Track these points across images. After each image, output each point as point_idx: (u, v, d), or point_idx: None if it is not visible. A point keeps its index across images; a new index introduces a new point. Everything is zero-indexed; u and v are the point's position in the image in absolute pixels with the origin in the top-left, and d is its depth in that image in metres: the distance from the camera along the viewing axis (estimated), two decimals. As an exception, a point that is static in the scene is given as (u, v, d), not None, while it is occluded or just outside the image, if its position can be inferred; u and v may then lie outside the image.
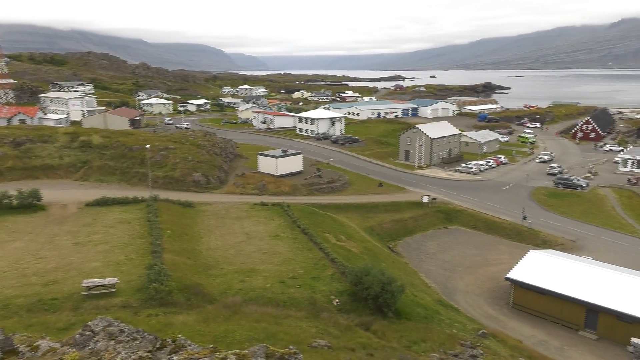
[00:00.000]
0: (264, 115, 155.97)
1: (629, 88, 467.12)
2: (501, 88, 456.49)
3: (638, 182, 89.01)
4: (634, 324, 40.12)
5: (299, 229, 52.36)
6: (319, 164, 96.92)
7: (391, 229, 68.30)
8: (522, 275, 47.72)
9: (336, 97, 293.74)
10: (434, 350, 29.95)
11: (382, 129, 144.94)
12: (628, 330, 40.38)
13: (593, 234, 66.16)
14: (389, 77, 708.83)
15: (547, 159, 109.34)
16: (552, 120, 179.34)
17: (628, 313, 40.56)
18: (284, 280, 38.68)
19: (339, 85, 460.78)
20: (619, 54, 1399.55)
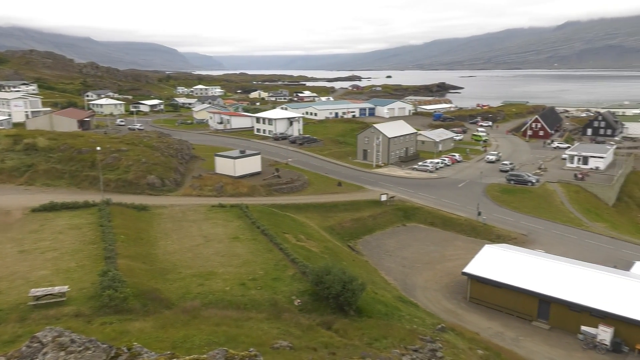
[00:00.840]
0: (220, 116, 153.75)
1: (574, 88, 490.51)
2: (455, 88, 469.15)
3: (584, 177, 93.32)
4: (583, 313, 41.90)
5: (259, 230, 51.78)
6: (277, 164, 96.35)
7: (351, 228, 68.68)
8: (478, 269, 48.96)
9: (294, 97, 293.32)
10: (395, 346, 30.24)
11: (340, 129, 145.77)
12: (578, 319, 42.18)
13: (544, 227, 68.79)
14: (346, 77, 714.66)
15: (494, 159, 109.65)
16: (504, 119, 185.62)
17: (577, 302, 42.31)
18: (244, 283, 38.10)
19: (296, 85, 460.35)
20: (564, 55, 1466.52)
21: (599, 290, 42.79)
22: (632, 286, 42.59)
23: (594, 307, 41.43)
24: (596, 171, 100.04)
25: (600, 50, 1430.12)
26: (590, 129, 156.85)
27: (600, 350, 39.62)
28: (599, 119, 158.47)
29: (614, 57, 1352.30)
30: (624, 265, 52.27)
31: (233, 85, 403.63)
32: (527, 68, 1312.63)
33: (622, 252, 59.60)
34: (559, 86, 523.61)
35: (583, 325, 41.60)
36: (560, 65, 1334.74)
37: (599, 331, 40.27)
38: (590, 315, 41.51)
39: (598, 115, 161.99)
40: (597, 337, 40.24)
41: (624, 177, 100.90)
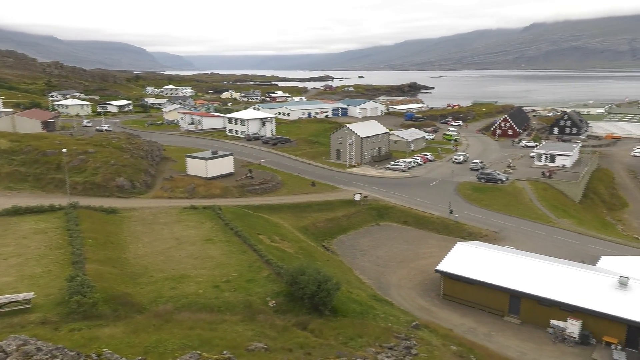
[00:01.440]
0: (191, 116, 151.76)
1: (541, 88, 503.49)
2: (426, 88, 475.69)
3: (551, 175, 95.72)
4: (553, 307, 42.90)
5: (232, 231, 51.23)
6: (250, 165, 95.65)
7: (325, 228, 68.68)
8: (450, 267, 49.60)
9: (266, 97, 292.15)
10: (370, 344, 30.33)
11: (313, 129, 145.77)
12: (547, 313, 43.16)
13: (513, 224, 70.22)
14: (319, 77, 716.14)
15: (461, 160, 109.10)
16: (474, 118, 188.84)
17: (547, 297, 43.29)
18: (218, 285, 37.60)
19: (268, 86, 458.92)
20: (531, 56, 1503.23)
21: (567, 285, 43.90)
22: (598, 280, 43.82)
23: (562, 302, 42.45)
24: (563, 169, 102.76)
25: (566, 52, 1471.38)
26: (556, 128, 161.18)
27: (569, 343, 40.64)
28: (564, 118, 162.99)
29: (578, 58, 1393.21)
30: (590, 260, 53.72)
31: (204, 86, 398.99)
32: (495, 68, 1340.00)
33: (589, 248, 61.34)
34: (527, 86, 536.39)
35: (552, 319, 42.59)
36: (528, 66, 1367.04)
37: (567, 324, 41.30)
38: (559, 309, 42.51)
39: (564, 115, 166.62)
40: (566, 331, 41.26)
41: (590, 174, 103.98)
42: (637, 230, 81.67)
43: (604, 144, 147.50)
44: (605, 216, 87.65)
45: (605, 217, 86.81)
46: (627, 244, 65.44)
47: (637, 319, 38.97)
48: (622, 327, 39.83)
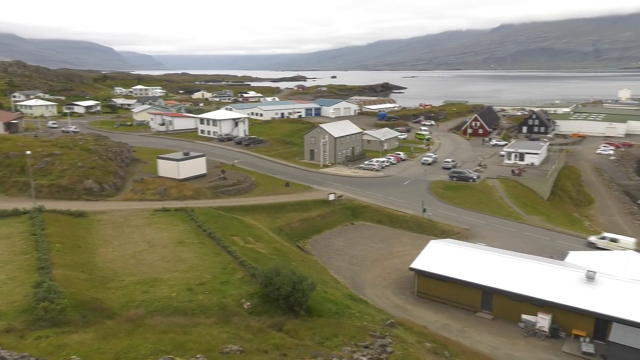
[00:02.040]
0: (162, 117, 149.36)
1: (510, 88, 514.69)
2: (398, 88, 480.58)
3: (521, 172, 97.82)
4: (524, 302, 43.80)
5: (205, 233, 50.51)
6: (223, 165, 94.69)
7: (300, 228, 68.48)
8: (424, 264, 50.10)
9: (238, 97, 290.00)
10: (346, 343, 30.33)
11: (286, 129, 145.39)
12: (518, 308, 44.04)
13: (485, 222, 71.44)
14: (291, 78, 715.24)
15: (430, 161, 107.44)
16: (445, 117, 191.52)
17: (518, 292, 44.19)
18: (192, 288, 37.00)
19: (240, 86, 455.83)
20: (500, 56, 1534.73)
21: (537, 280, 44.88)
22: (566, 275, 44.96)
23: (533, 296, 43.41)
24: (532, 167, 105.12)
25: (533, 52, 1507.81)
26: (525, 127, 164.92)
27: (540, 336, 41.54)
28: (533, 117, 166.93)
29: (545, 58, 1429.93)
30: (559, 255, 55.10)
31: (175, 86, 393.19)
32: (466, 69, 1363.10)
33: (557, 243, 62.88)
34: (496, 86, 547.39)
35: (523, 314, 43.46)
36: (497, 66, 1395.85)
37: (538, 319, 42.21)
38: (530, 304, 43.44)
39: (532, 114, 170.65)
40: (537, 325, 42.15)
41: (557, 171, 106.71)
42: (603, 225, 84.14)
43: (570, 142, 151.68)
44: (572, 212, 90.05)
45: (572, 214, 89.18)
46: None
47: (604, 312, 40.11)
48: (590, 320, 40.95)
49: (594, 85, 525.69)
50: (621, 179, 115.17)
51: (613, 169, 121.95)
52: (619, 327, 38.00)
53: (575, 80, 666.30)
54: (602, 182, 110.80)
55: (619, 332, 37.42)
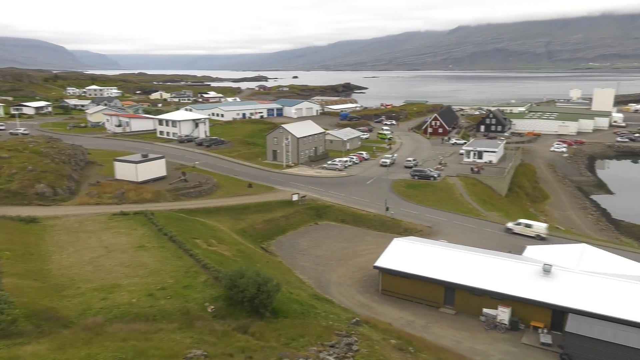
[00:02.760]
0: (118, 118, 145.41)
1: (467, 87, 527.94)
2: (359, 88, 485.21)
3: (480, 170, 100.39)
4: (484, 297, 44.85)
5: (166, 237, 49.30)
6: (184, 167, 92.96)
7: (263, 229, 67.92)
8: (388, 262, 50.55)
9: (198, 98, 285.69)
10: (312, 343, 30.22)
11: (248, 130, 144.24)
12: (480, 302, 45.07)
13: (446, 219, 72.84)
14: (252, 78, 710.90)
15: (388, 163, 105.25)
16: (406, 117, 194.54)
17: (479, 287, 45.21)
18: (153, 293, 35.99)
19: (200, 86, 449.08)
20: (458, 57, 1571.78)
21: (497, 275, 46.06)
22: (524, 269, 46.32)
23: (493, 290, 44.50)
24: (490, 165, 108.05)
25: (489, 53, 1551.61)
26: (483, 126, 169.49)
27: (501, 329, 42.65)
28: (490, 116, 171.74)
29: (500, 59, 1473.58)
30: (517, 250, 56.74)
31: (131, 86, 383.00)
32: (425, 69, 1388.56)
33: (515, 238, 64.79)
34: (454, 86, 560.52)
35: (484, 308, 44.52)
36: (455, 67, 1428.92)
37: (498, 312, 43.32)
38: (490, 298, 44.52)
39: (489, 113, 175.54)
40: (497, 318, 43.25)
41: (514, 169, 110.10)
42: (558, 220, 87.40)
43: (526, 140, 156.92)
44: (529, 208, 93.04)
45: (529, 209, 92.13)
46: (549, 233, 69.68)
47: (560, 303, 41.55)
48: (547, 311, 42.33)
49: (546, 85, 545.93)
50: (574, 175, 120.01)
51: (566, 165, 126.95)
52: (574, 318, 39.41)
53: (529, 81, 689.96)
54: (556, 178, 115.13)
55: (574, 323, 38.80)
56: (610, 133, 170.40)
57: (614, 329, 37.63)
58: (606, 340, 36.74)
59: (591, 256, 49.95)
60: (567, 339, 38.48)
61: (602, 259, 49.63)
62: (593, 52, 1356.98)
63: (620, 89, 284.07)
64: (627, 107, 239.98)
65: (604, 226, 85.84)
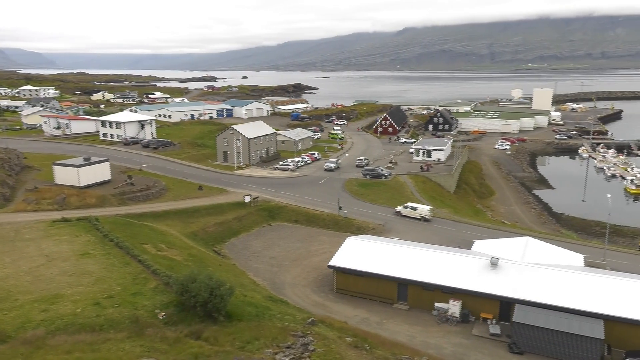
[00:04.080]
0: (57, 120, 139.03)
1: (415, 88, 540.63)
2: (310, 88, 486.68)
3: (429, 168, 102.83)
4: (436, 291, 45.89)
5: (112, 243, 47.35)
6: (130, 171, 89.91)
7: (215, 232, 66.62)
8: (342, 261, 50.78)
9: (144, 98, 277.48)
10: (268, 345, 29.96)
11: (197, 131, 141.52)
12: (432, 297, 46.08)
13: (398, 217, 74.02)
14: (200, 78, 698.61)
15: (333, 167, 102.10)
16: (357, 117, 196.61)
17: (430, 282, 46.20)
18: (99, 302, 34.45)
19: (145, 86, 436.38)
20: (405, 58, 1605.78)
21: (447, 269, 47.22)
22: (473, 262, 47.72)
23: (443, 285, 45.62)
24: (438, 163, 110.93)
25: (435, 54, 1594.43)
26: (431, 125, 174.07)
27: (452, 322, 43.75)
28: (437, 115, 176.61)
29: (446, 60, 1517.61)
30: (465, 244, 58.39)
31: (70, 86, 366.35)
32: (374, 70, 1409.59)
33: (464, 233, 66.71)
34: (403, 86, 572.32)
35: (436, 302, 45.55)
36: (403, 68, 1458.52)
37: (449, 306, 44.43)
38: (442, 292, 45.60)
39: (437, 113, 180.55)
40: (449, 311, 44.36)
41: (461, 166, 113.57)
42: (503, 215, 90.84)
43: (471, 138, 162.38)
44: (476, 204, 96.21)
45: (476, 205, 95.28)
46: (495, 227, 72.38)
47: (508, 295, 43.10)
48: (495, 303, 43.81)
49: (490, 85, 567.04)
50: (517, 172, 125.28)
51: (510, 162, 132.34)
52: (521, 308, 41.00)
53: (473, 81, 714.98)
54: (501, 175, 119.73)
55: (521, 313, 40.37)
56: (549, 131, 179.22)
57: (557, 317, 39.44)
58: (550, 328, 38.47)
59: (535, 248, 52.16)
60: (514, 329, 39.96)
61: (545, 251, 51.96)
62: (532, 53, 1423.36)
63: (557, 89, 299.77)
64: (565, 106, 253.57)
65: (546, 219, 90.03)
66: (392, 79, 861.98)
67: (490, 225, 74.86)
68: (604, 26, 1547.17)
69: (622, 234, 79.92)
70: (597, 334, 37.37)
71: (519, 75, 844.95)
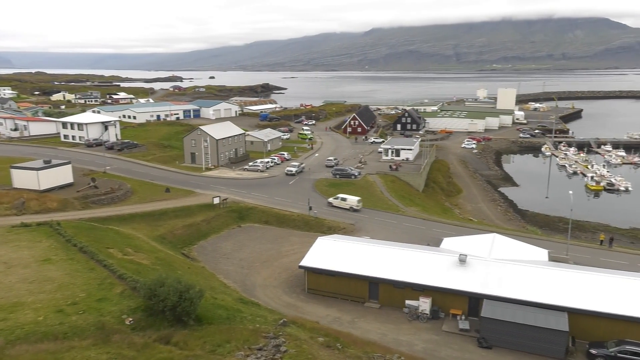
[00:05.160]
0: (14, 121, 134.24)
1: (383, 88, 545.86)
2: (278, 88, 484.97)
3: (397, 167, 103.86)
4: (406, 289, 46.30)
5: (76, 248, 45.86)
6: (93, 173, 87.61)
7: (184, 235, 65.46)
8: (313, 261, 50.66)
9: (107, 99, 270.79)
10: (239, 348, 29.63)
11: (163, 132, 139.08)
12: (402, 294, 46.47)
13: (368, 216, 74.47)
14: (166, 78, 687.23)
15: (294, 171, 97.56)
16: (326, 117, 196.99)
17: (401, 280, 46.60)
18: (62, 309, 33.28)
19: (109, 86, 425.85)
20: (373, 58, 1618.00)
21: (417, 267, 47.74)
22: (442, 260, 48.38)
23: (414, 282, 46.07)
24: (407, 162, 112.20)
25: (402, 55, 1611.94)
26: (399, 125, 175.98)
27: (423, 319, 44.21)
28: (405, 115, 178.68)
29: (413, 61, 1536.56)
30: (434, 242, 59.23)
31: (28, 86, 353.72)
32: (342, 70, 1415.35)
33: (433, 231, 67.65)
34: (371, 86, 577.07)
35: (407, 300, 45.94)
36: (370, 68, 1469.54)
37: (420, 303, 44.87)
38: (412, 289, 46.03)
39: (405, 113, 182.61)
40: (419, 308, 44.79)
41: (429, 165, 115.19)
42: (471, 212, 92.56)
43: (439, 137, 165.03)
44: (444, 202, 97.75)
45: (444, 203, 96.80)
46: (463, 225, 73.67)
47: (476, 290, 43.86)
48: (464, 299, 44.52)
49: (456, 85, 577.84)
50: (483, 170, 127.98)
51: (476, 161, 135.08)
52: (488, 303, 41.78)
53: (440, 81, 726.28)
54: (468, 173, 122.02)
55: (489, 308, 41.14)
56: (513, 130, 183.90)
57: (524, 311, 40.37)
58: (517, 322, 39.33)
59: (501, 245, 53.24)
60: (482, 324, 40.68)
61: (511, 247, 53.13)
62: (496, 54, 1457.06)
63: (520, 89, 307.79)
64: (527, 105, 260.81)
65: (511, 216, 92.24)
66: (360, 79, 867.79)
67: (458, 222, 76.16)
68: (564, 28, 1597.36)
69: (583, 229, 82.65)
70: (562, 327, 38.41)
71: (484, 76, 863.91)
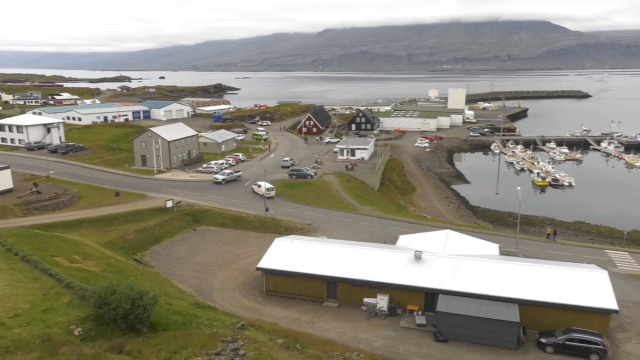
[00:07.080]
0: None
1: (337, 88, 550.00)
2: (232, 89, 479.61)
3: (353, 167, 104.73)
4: (364, 287, 46.63)
5: (17, 257, 43.33)
6: (35, 178, 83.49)
7: (136, 240, 63.38)
8: (270, 263, 50.18)
9: (49, 100, 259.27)
10: (196, 354, 28.92)
11: (111, 134, 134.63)
12: (360, 293, 46.75)
13: (324, 215, 74.61)
14: (113, 78, 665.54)
15: (220, 179, 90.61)
16: (280, 117, 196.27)
17: (358, 278, 46.88)
18: (3, 322, 31.35)
19: (50, 87, 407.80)
20: (327, 59, 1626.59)
21: (374, 265, 48.16)
22: (398, 257, 49.03)
23: (371, 280, 46.45)
24: (362, 161, 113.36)
25: (355, 56, 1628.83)
26: (354, 125, 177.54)
27: (381, 316, 44.66)
28: (360, 115, 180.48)
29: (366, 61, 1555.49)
30: (390, 240, 60.04)
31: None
32: (296, 70, 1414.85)
33: (389, 229, 68.55)
34: (325, 87, 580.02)
35: (365, 298, 46.27)
36: (324, 68, 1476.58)
37: (377, 300, 45.29)
38: (370, 287, 46.40)
39: (359, 113, 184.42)
40: (377, 306, 45.20)
41: (384, 164, 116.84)
42: (425, 210, 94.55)
43: (393, 137, 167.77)
44: (399, 200, 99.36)
45: (399, 201, 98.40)
46: (418, 222, 75.13)
47: (431, 286, 44.72)
48: (420, 295, 45.29)
49: (408, 85, 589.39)
50: (436, 168, 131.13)
51: (429, 159, 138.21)
52: (444, 298, 42.68)
53: (392, 81, 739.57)
54: (421, 171, 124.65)
55: (444, 302, 42.02)
56: (464, 129, 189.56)
57: (477, 304, 41.47)
58: (471, 315, 40.37)
59: (455, 241, 54.60)
60: (438, 318, 41.50)
61: (464, 242, 54.58)
62: (446, 55, 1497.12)
63: (470, 89, 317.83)
64: (477, 105, 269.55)
65: (464, 213, 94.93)
66: (314, 79, 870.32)
67: (413, 220, 77.60)
68: (510, 30, 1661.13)
69: (531, 223, 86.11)
70: (513, 318, 39.72)
71: (435, 76, 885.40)
